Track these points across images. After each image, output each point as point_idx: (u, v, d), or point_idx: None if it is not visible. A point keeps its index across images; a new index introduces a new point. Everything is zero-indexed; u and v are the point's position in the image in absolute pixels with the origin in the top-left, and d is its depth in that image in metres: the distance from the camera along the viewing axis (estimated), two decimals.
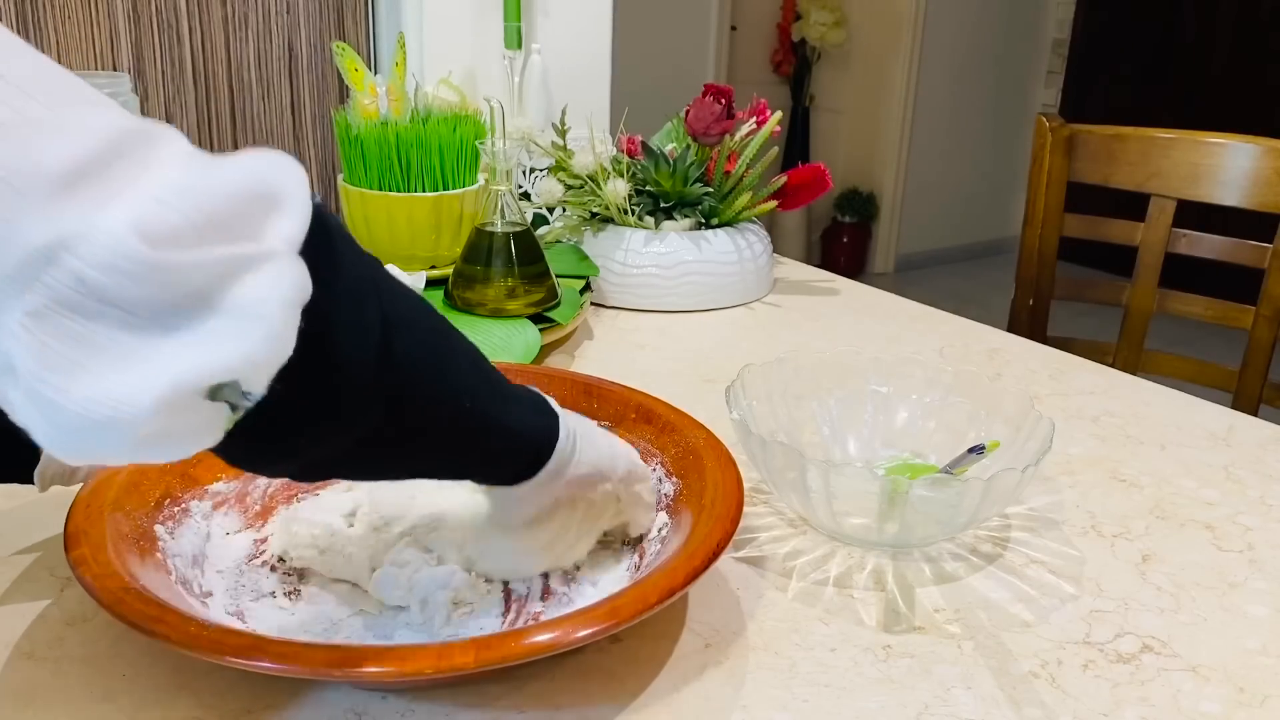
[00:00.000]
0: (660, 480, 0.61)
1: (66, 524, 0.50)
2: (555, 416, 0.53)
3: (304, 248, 0.37)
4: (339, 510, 0.59)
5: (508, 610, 0.54)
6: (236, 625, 0.51)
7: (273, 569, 0.57)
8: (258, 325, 0.35)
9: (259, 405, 0.36)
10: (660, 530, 0.58)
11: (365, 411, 0.42)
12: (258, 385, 0.36)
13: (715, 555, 0.50)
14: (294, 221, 0.37)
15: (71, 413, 0.32)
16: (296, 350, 0.37)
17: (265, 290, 0.35)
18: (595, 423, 0.58)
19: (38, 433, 0.34)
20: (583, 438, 0.54)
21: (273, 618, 0.53)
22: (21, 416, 0.33)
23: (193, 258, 0.33)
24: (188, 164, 0.35)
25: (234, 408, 0.36)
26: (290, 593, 0.55)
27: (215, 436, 0.37)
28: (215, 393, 0.35)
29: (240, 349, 0.35)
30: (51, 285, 0.31)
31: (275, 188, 0.37)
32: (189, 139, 0.37)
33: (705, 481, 0.56)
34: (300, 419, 0.40)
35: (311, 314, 0.37)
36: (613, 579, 0.57)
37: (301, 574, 0.57)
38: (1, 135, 0.31)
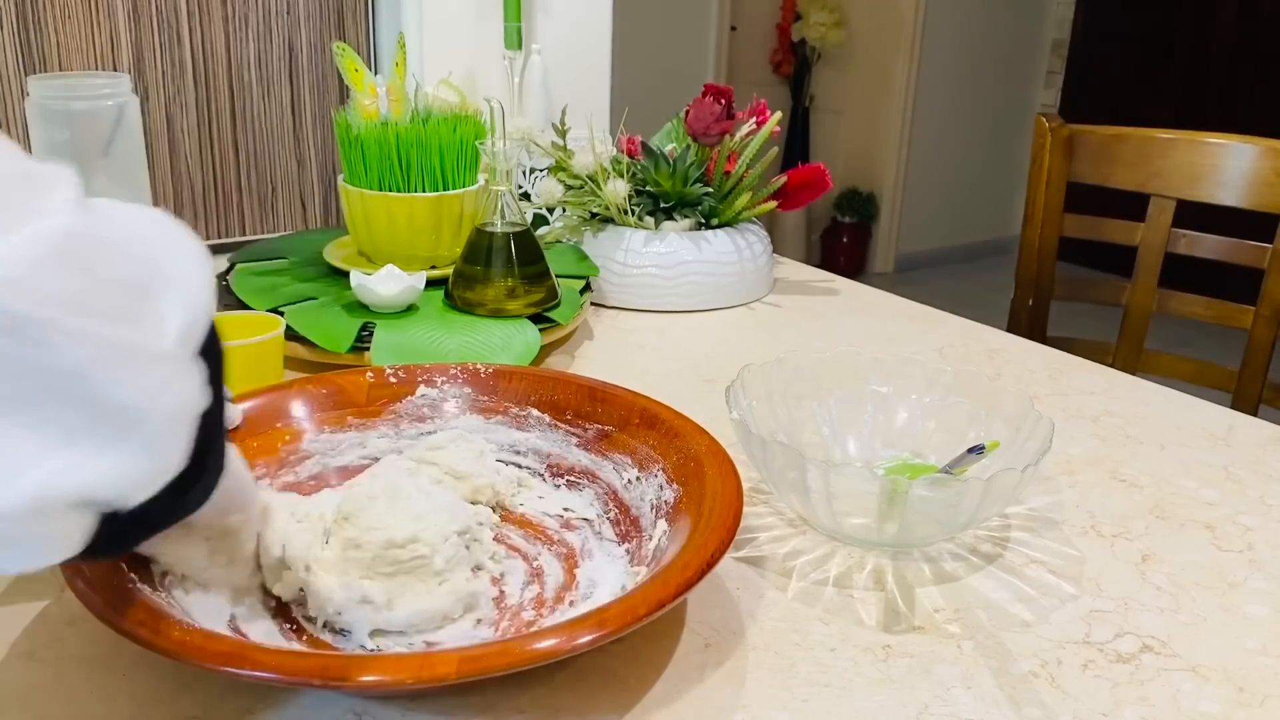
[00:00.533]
0: (661, 486, 0.60)
1: None
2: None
3: (204, 347, 0.33)
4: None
5: (500, 617, 0.54)
6: (225, 630, 0.51)
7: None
8: (140, 444, 0.30)
9: (129, 511, 0.32)
10: (660, 537, 0.58)
11: (207, 490, 0.38)
12: (133, 501, 0.32)
13: (709, 566, 0.49)
14: (187, 313, 0.32)
15: None
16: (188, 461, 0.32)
17: (148, 400, 0.30)
18: (590, 429, 0.59)
19: None
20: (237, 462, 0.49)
21: (265, 620, 0.53)
22: None
23: (70, 325, 0.28)
24: (74, 222, 0.30)
25: (100, 517, 0.32)
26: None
27: (71, 550, 0.32)
28: (85, 505, 0.31)
29: (115, 467, 0.30)
30: None
31: (164, 266, 0.32)
32: (79, 187, 0.32)
33: (705, 490, 0.56)
34: (165, 516, 0.36)
35: (204, 423, 0.33)
36: (613, 583, 0.56)
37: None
38: None
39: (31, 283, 0.28)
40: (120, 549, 0.36)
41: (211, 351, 0.34)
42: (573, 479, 0.65)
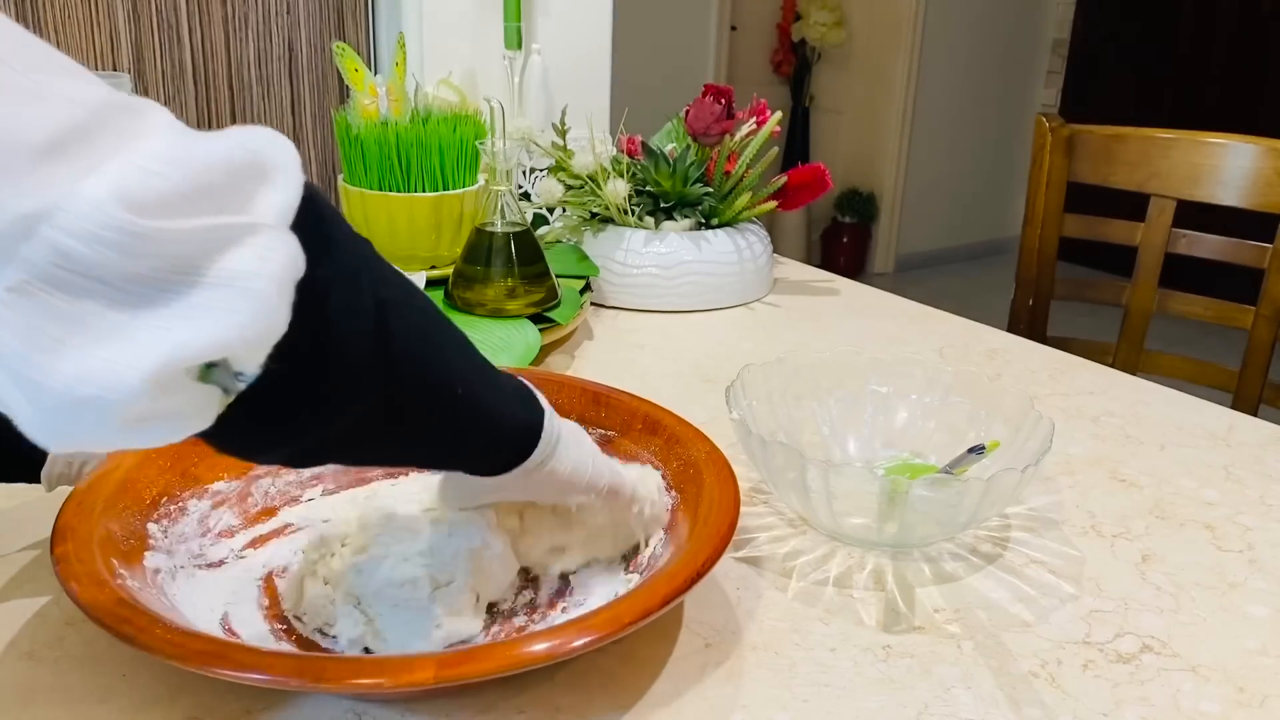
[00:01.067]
0: (660, 493, 0.60)
1: (56, 519, 0.50)
2: (542, 413, 0.51)
3: (295, 222, 0.36)
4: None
5: (492, 621, 0.54)
6: (215, 628, 0.51)
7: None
8: (249, 300, 0.33)
9: (252, 386, 0.35)
10: (656, 544, 0.58)
11: (361, 393, 0.40)
12: (250, 364, 0.35)
13: (698, 576, 0.49)
14: (285, 194, 0.36)
15: (55, 393, 0.31)
16: (291, 327, 0.35)
17: (255, 264, 0.33)
18: (593, 433, 0.57)
19: (21, 417, 0.32)
20: (567, 442, 0.52)
21: (258, 619, 0.53)
22: (4, 400, 0.32)
23: (179, 226, 0.32)
24: (172, 135, 0.33)
25: (226, 390, 0.35)
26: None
27: (206, 420, 0.35)
28: (206, 373, 0.34)
29: (231, 324, 0.33)
30: (31, 259, 0.30)
31: (265, 159, 0.35)
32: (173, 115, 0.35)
33: (702, 497, 0.56)
34: (295, 402, 0.38)
35: (305, 291, 0.36)
36: (606, 590, 0.56)
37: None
38: None
39: (149, 190, 0.31)
40: (279, 437, 0.39)
41: (310, 226, 0.37)
42: None
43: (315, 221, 0.38)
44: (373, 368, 0.40)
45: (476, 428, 0.48)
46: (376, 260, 0.43)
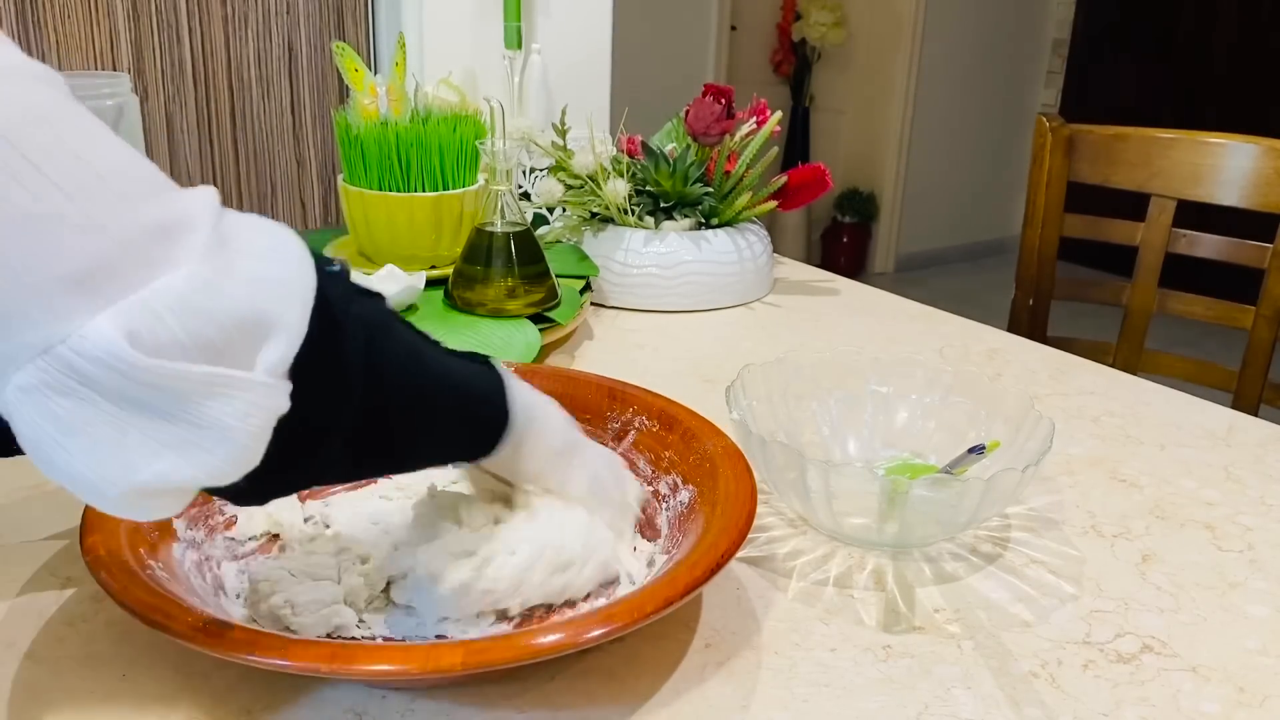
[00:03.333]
0: (677, 487, 0.61)
1: (84, 510, 0.50)
2: (500, 378, 0.53)
3: (301, 356, 0.39)
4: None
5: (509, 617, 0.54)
6: (242, 618, 0.51)
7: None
8: (228, 447, 0.37)
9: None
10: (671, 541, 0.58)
11: (342, 436, 0.44)
12: (226, 482, 0.39)
13: (719, 566, 0.49)
14: (283, 350, 0.39)
15: (54, 477, 0.36)
16: (280, 445, 0.39)
17: (240, 418, 0.37)
18: (606, 429, 0.59)
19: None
20: (540, 416, 0.55)
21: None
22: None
23: (179, 369, 0.35)
24: (195, 274, 0.36)
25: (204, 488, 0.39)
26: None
27: (178, 509, 0.40)
28: (185, 489, 0.39)
29: (206, 463, 0.37)
30: (44, 368, 0.34)
31: (271, 318, 0.38)
32: (217, 205, 0.38)
33: (719, 491, 0.56)
34: (276, 487, 0.44)
35: (295, 426, 0.40)
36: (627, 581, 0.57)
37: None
38: (23, 228, 0.33)
39: (154, 334, 0.35)
40: (246, 504, 0.44)
41: (317, 358, 0.40)
42: None
43: (325, 352, 0.41)
44: (356, 413, 0.44)
45: (451, 401, 0.51)
46: (381, 343, 0.45)
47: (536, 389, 0.56)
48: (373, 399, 0.44)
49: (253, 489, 0.41)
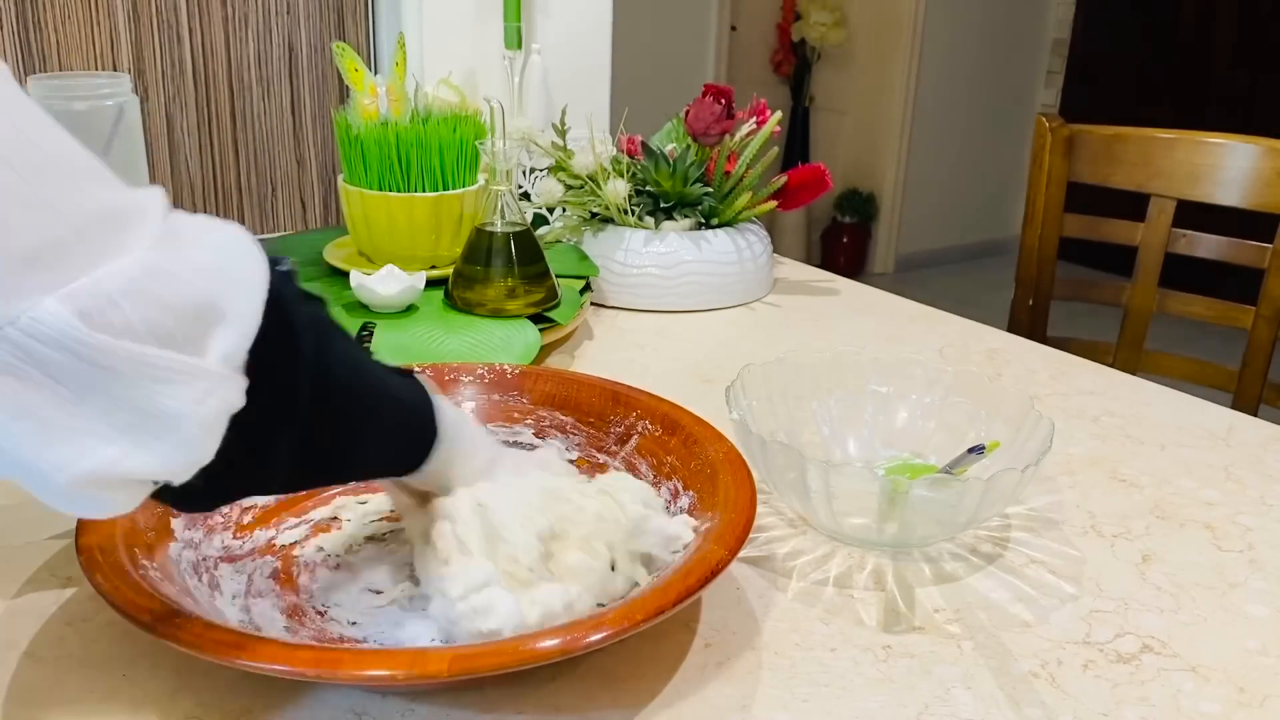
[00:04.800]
0: (678, 492, 0.60)
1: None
2: (426, 392, 0.52)
3: (255, 349, 0.39)
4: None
5: None
6: (237, 619, 0.51)
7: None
8: (175, 440, 0.37)
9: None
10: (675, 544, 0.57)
11: (283, 471, 0.44)
12: (177, 480, 0.38)
13: (713, 575, 0.49)
14: (237, 338, 0.38)
15: (3, 464, 0.35)
16: (231, 443, 0.39)
17: (191, 406, 0.37)
18: (609, 433, 0.59)
19: None
20: (467, 434, 0.54)
21: (275, 612, 0.53)
22: None
23: (130, 349, 0.35)
24: (147, 259, 0.36)
25: (155, 483, 0.38)
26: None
27: (130, 508, 0.39)
28: (134, 482, 0.38)
29: (154, 458, 0.37)
30: None
31: (224, 304, 0.38)
32: (166, 203, 0.38)
33: (718, 497, 0.56)
34: (224, 490, 0.43)
35: (248, 423, 0.39)
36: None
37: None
38: None
39: (105, 315, 0.34)
40: (193, 510, 0.45)
41: (265, 364, 0.40)
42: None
43: (277, 345, 0.40)
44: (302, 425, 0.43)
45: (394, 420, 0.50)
46: (327, 352, 0.45)
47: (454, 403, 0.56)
48: (319, 398, 0.43)
49: (202, 491, 0.40)
